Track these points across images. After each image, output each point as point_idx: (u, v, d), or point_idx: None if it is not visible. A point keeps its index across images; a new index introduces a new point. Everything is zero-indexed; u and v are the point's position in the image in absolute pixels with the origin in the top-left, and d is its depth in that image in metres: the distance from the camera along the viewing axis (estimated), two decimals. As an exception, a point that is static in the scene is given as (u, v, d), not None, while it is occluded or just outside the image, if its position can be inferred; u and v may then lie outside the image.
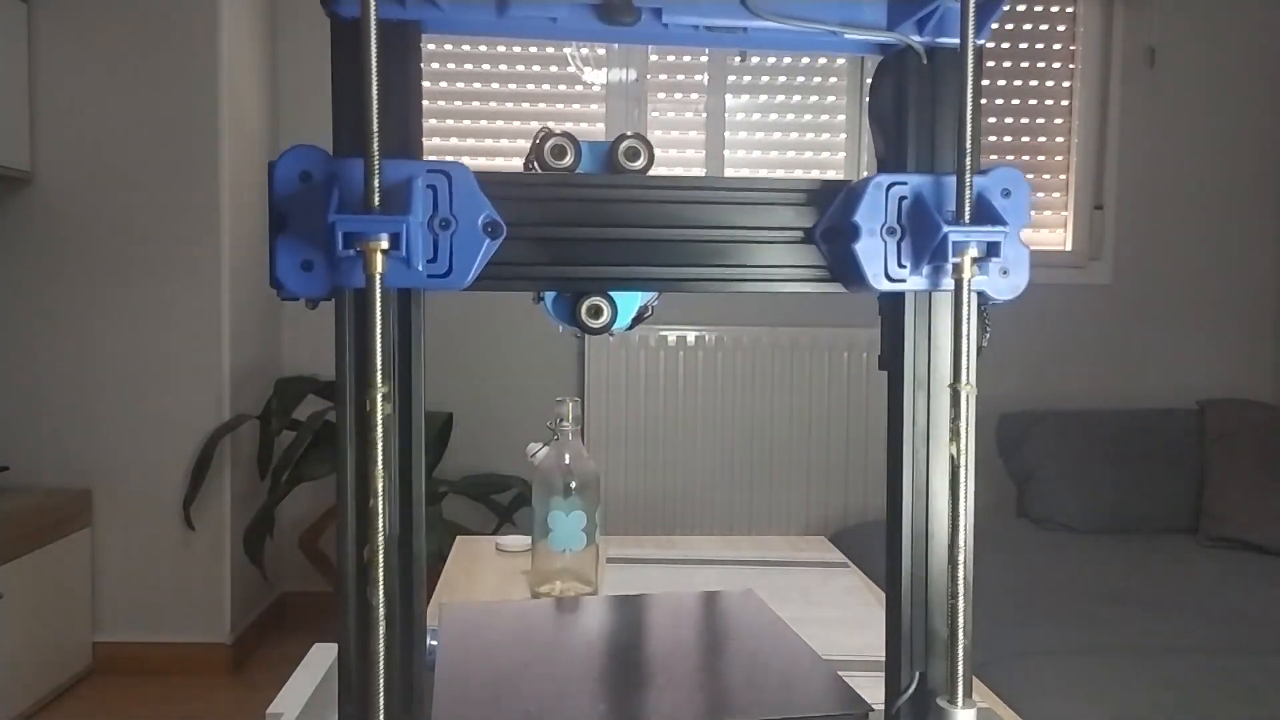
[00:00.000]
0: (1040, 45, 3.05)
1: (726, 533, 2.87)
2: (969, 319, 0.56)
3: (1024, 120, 3.06)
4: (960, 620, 0.57)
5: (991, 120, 3.03)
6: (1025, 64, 3.04)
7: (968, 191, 0.55)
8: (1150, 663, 1.78)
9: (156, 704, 2.43)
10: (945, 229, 0.55)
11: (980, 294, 0.59)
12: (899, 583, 0.63)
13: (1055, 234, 3.10)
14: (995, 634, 1.88)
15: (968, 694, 0.57)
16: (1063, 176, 3.08)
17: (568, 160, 0.61)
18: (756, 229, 0.60)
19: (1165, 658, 1.80)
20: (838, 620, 1.12)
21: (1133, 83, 3.04)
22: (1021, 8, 3.00)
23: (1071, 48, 3.06)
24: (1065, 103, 3.07)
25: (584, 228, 0.58)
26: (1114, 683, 1.71)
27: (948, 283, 0.58)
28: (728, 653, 0.82)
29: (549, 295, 0.61)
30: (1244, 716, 1.63)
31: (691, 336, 2.89)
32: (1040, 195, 3.09)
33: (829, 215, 0.60)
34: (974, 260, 0.55)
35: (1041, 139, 3.07)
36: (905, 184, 0.58)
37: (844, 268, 0.59)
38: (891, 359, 0.62)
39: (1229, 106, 3.09)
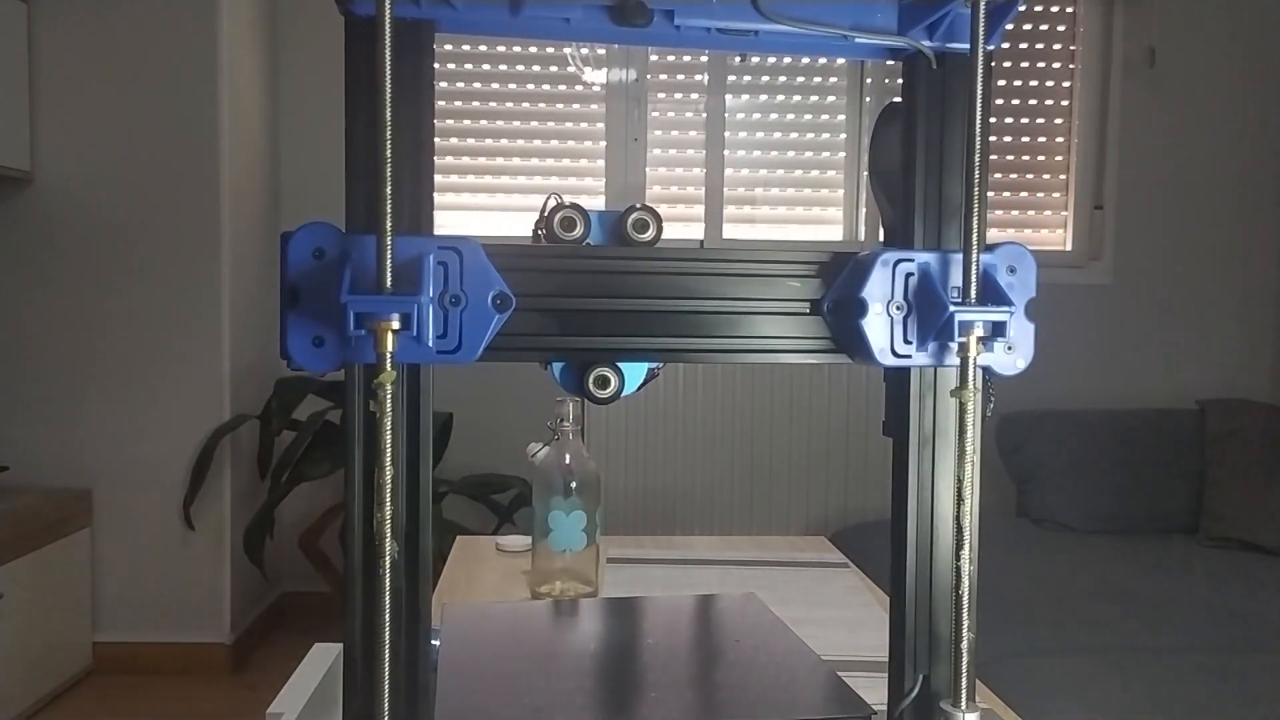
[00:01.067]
0: (1040, 45, 3.05)
1: (726, 533, 2.88)
2: (975, 396, 0.57)
3: (1024, 120, 3.07)
4: (964, 624, 0.58)
5: (992, 120, 3.04)
6: (1025, 64, 3.05)
7: (974, 270, 0.56)
8: (1150, 663, 1.78)
9: (156, 704, 2.43)
10: (951, 309, 0.56)
11: (985, 368, 0.60)
12: (903, 586, 0.63)
13: (1055, 234, 3.10)
14: (995, 634, 1.88)
15: (971, 698, 0.58)
16: (1063, 176, 3.09)
17: (577, 231, 0.61)
18: (764, 300, 0.61)
19: (1165, 658, 1.81)
20: (838, 621, 1.12)
21: (1133, 83, 3.04)
22: (1022, 8, 3.00)
23: (1071, 48, 3.07)
24: (1065, 103, 3.07)
25: (593, 299, 0.59)
26: (1114, 683, 1.71)
27: (953, 358, 0.59)
28: (728, 655, 0.82)
29: (557, 364, 0.62)
30: (1244, 716, 1.63)
31: (691, 336, 2.90)
32: (1040, 195, 3.09)
33: (836, 288, 0.61)
34: (980, 339, 0.56)
35: (1041, 139, 3.07)
36: (912, 260, 0.59)
37: (850, 340, 0.60)
38: (896, 427, 0.63)
39: (1229, 106, 3.09)
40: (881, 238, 0.66)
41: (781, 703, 0.72)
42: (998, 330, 0.56)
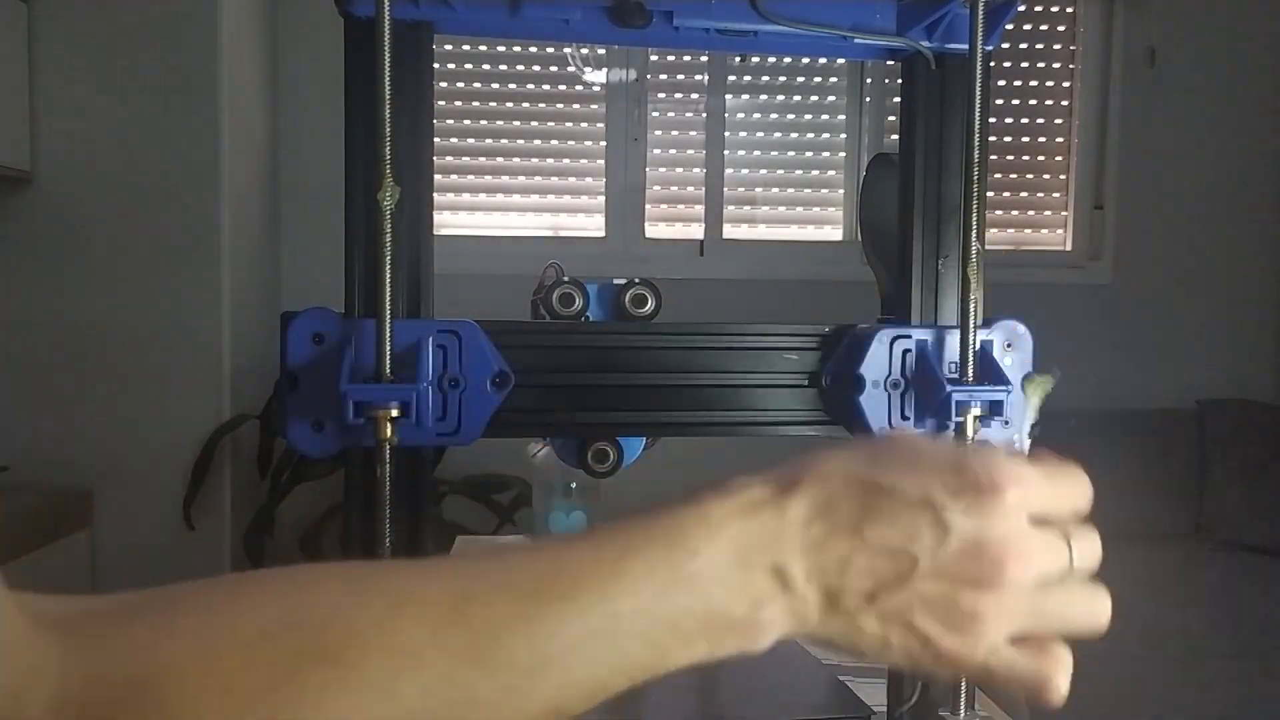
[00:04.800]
0: (1040, 45, 3.05)
1: (726, 533, 2.87)
2: None
3: (1024, 120, 3.06)
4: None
5: (992, 120, 3.04)
6: (1025, 64, 3.04)
7: (971, 350, 0.56)
8: (1150, 664, 1.78)
9: (156, 704, 2.43)
10: (948, 389, 0.55)
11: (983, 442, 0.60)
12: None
13: (1055, 234, 3.10)
14: (995, 634, 1.88)
15: (970, 705, 0.58)
16: (1063, 176, 3.08)
17: (576, 307, 0.61)
18: (763, 373, 0.61)
19: (1165, 659, 1.81)
20: (840, 621, 1.12)
21: (1133, 83, 3.04)
22: (1022, 8, 3.00)
23: (1071, 48, 3.06)
24: (1065, 103, 3.07)
25: (592, 374, 0.59)
26: (1114, 684, 1.71)
27: (950, 432, 0.60)
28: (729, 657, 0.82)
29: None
30: (1244, 716, 1.63)
31: (691, 336, 2.89)
32: (1040, 195, 3.09)
33: (833, 362, 0.61)
34: (977, 417, 0.56)
35: (1041, 139, 3.07)
36: (909, 337, 0.59)
37: (848, 415, 0.60)
38: None
39: (1229, 106, 3.09)
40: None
41: (781, 703, 0.72)
42: (995, 409, 0.56)
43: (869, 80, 2.99)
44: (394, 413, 0.51)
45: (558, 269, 0.67)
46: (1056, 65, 3.06)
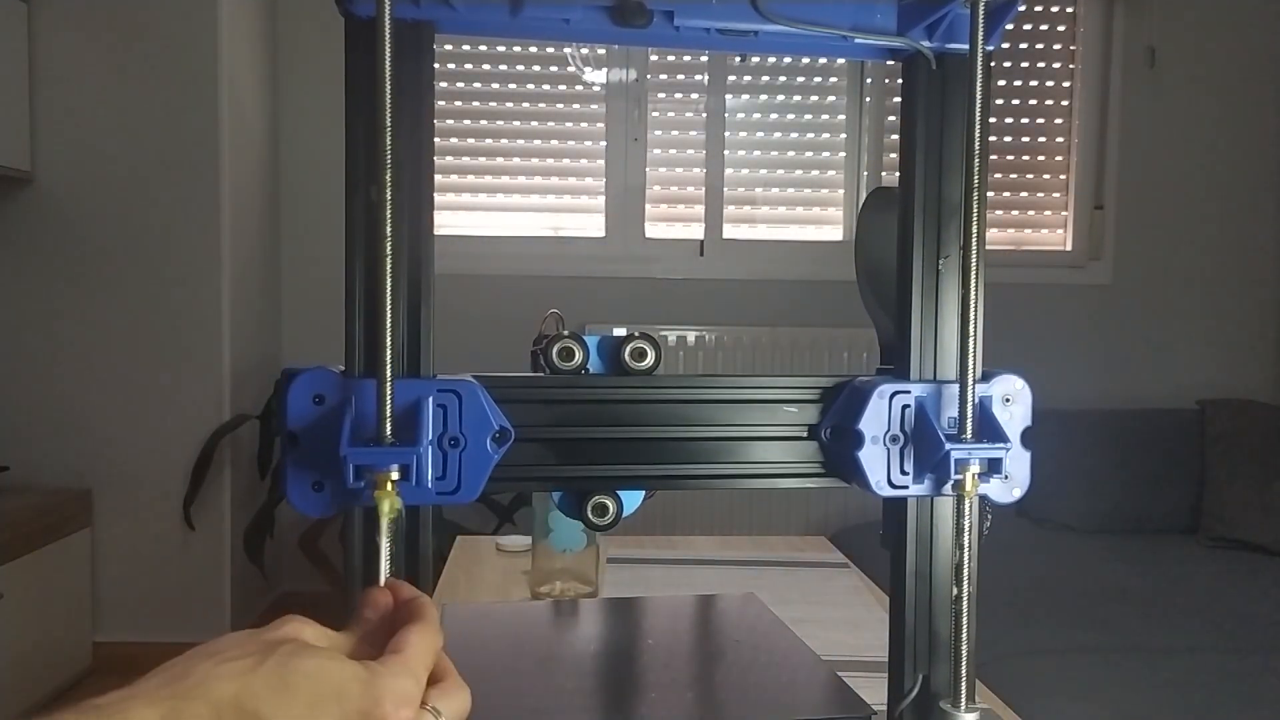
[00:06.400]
0: (1040, 45, 3.05)
1: (726, 533, 2.87)
2: (970, 529, 0.58)
3: (1024, 120, 3.06)
4: (964, 624, 0.58)
5: (992, 120, 3.04)
6: (1025, 64, 3.04)
7: (970, 406, 0.56)
8: (1150, 663, 1.78)
9: (156, 704, 2.43)
10: (947, 446, 0.56)
11: (982, 496, 0.60)
12: (903, 586, 0.63)
13: (1055, 234, 3.10)
14: (995, 634, 1.88)
15: (970, 697, 0.58)
16: (1063, 176, 3.08)
17: (575, 361, 0.61)
18: (762, 425, 0.62)
19: (1165, 658, 1.81)
20: (838, 621, 1.12)
21: (1133, 83, 3.04)
22: (1022, 8, 3.00)
23: (1071, 48, 3.06)
24: (1065, 103, 3.07)
25: (592, 427, 0.60)
26: (1114, 683, 1.71)
27: (950, 489, 0.59)
28: (729, 656, 0.82)
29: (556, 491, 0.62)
30: (1244, 717, 1.63)
31: (691, 336, 2.89)
32: (1040, 195, 3.09)
33: (832, 415, 0.61)
34: (975, 474, 0.56)
35: (1041, 139, 3.07)
36: (908, 393, 0.59)
37: (847, 468, 0.61)
38: (894, 544, 0.64)
39: (1229, 106, 3.09)
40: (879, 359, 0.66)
41: (781, 703, 0.72)
42: (994, 466, 0.56)
43: (869, 80, 2.99)
44: (394, 475, 0.51)
45: (558, 320, 0.68)
46: (1056, 65, 3.06)
